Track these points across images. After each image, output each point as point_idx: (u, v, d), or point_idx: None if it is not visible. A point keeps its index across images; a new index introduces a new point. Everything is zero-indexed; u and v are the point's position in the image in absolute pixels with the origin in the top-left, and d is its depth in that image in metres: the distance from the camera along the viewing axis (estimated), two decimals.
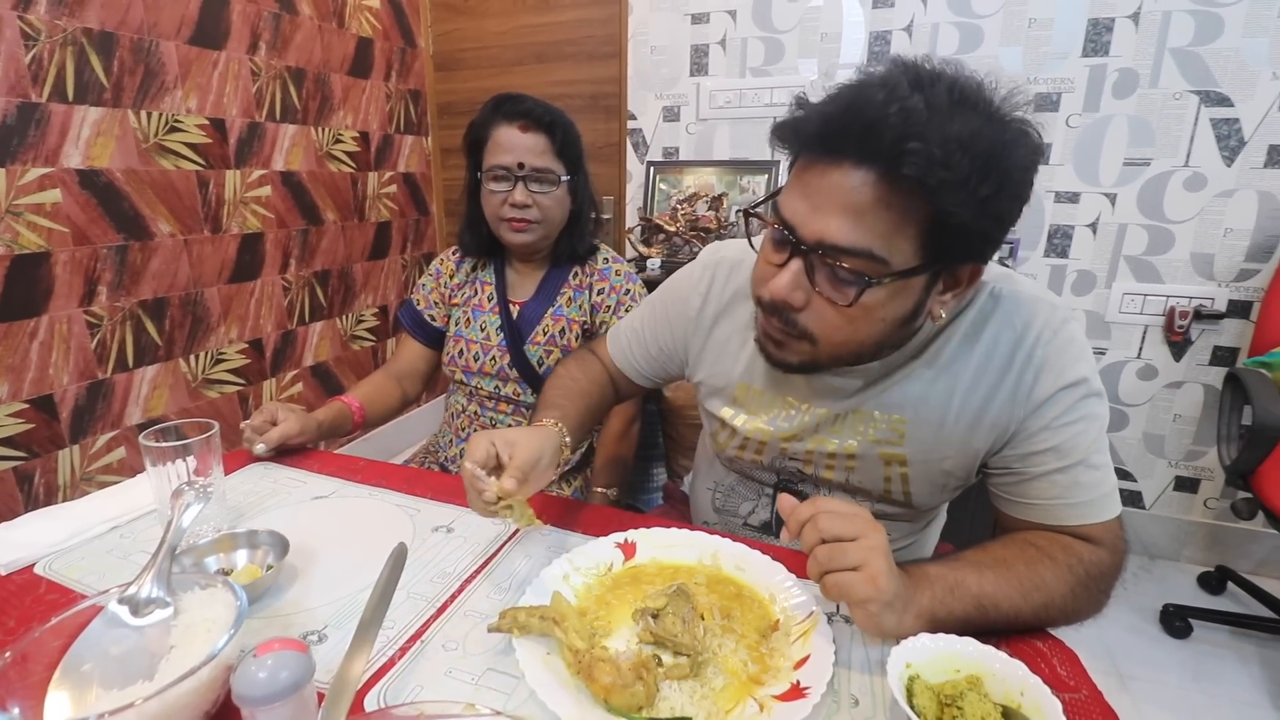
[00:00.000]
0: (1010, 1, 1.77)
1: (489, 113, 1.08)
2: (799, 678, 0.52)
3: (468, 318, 1.16)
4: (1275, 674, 1.51)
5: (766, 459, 0.79)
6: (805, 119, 0.57)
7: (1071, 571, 0.61)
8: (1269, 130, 1.66)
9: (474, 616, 0.61)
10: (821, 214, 0.56)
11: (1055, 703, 0.46)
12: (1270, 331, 1.58)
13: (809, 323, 0.60)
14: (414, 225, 2.51)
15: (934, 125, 0.50)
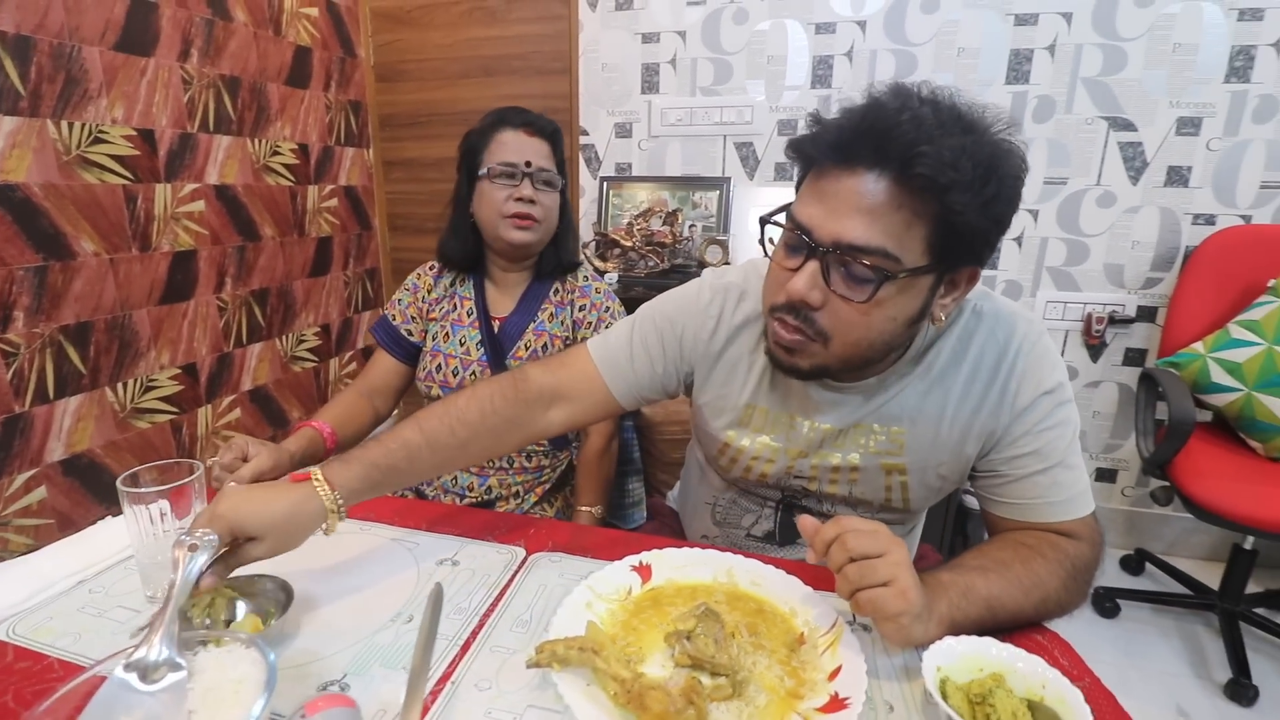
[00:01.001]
0: (941, 32, 1.90)
1: (492, 120, 1.11)
2: (836, 689, 0.54)
3: (446, 332, 1.14)
4: (1192, 645, 1.67)
5: (773, 477, 0.81)
6: (823, 131, 0.61)
7: (1061, 566, 0.66)
8: (1167, 153, 1.85)
9: (501, 652, 0.60)
10: (837, 216, 0.59)
11: (1076, 692, 0.50)
12: (1177, 334, 1.75)
13: (825, 322, 0.63)
14: (356, 240, 2.41)
15: (942, 132, 0.56)
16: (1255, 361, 1.57)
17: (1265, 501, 1.41)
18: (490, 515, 0.88)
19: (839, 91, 2.00)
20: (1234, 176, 1.83)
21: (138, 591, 0.68)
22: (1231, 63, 1.76)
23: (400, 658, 0.59)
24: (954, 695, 0.52)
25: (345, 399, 1.14)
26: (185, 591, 0.53)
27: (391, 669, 0.58)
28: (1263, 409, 1.55)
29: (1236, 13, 1.73)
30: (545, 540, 0.79)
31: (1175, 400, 1.52)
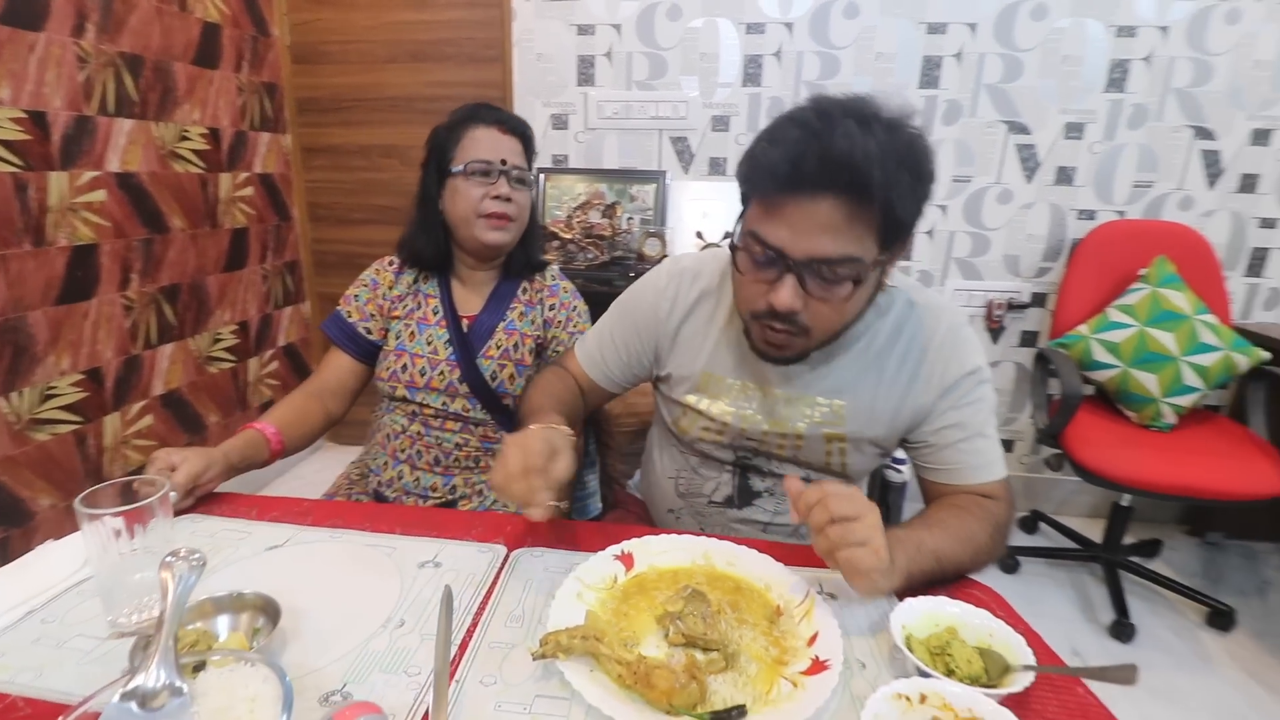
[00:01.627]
0: (861, 38, 2.01)
1: (463, 117, 1.08)
2: (816, 653, 0.60)
3: (411, 331, 1.11)
4: (1081, 593, 1.89)
5: (726, 439, 0.90)
6: (769, 160, 0.68)
7: (988, 522, 0.76)
8: (1057, 155, 2.05)
9: (499, 647, 0.62)
10: (806, 236, 0.68)
11: (1019, 637, 0.58)
12: (1065, 318, 1.96)
13: (806, 320, 0.72)
14: (274, 231, 2.28)
15: (885, 156, 0.64)
16: (1130, 341, 1.79)
17: (1140, 464, 1.62)
18: (464, 515, 0.89)
19: (769, 90, 2.08)
20: (1111, 176, 2.06)
21: (97, 618, 0.65)
22: (1110, 74, 1.98)
23: (399, 662, 0.59)
24: (918, 649, 0.59)
25: (293, 400, 1.09)
26: (179, 613, 0.52)
27: (392, 674, 0.58)
28: (1136, 383, 1.77)
29: (1115, 29, 1.94)
30: (524, 537, 0.81)
31: (1066, 377, 1.71)
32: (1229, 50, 1.93)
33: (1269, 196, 2.02)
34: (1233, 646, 1.67)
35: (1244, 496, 1.52)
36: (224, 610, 0.61)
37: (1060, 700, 0.56)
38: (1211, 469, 1.57)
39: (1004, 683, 0.54)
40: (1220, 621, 1.72)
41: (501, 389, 1.10)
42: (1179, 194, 2.05)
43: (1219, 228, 2.05)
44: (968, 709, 0.49)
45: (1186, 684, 1.53)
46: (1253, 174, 2.01)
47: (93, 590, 0.68)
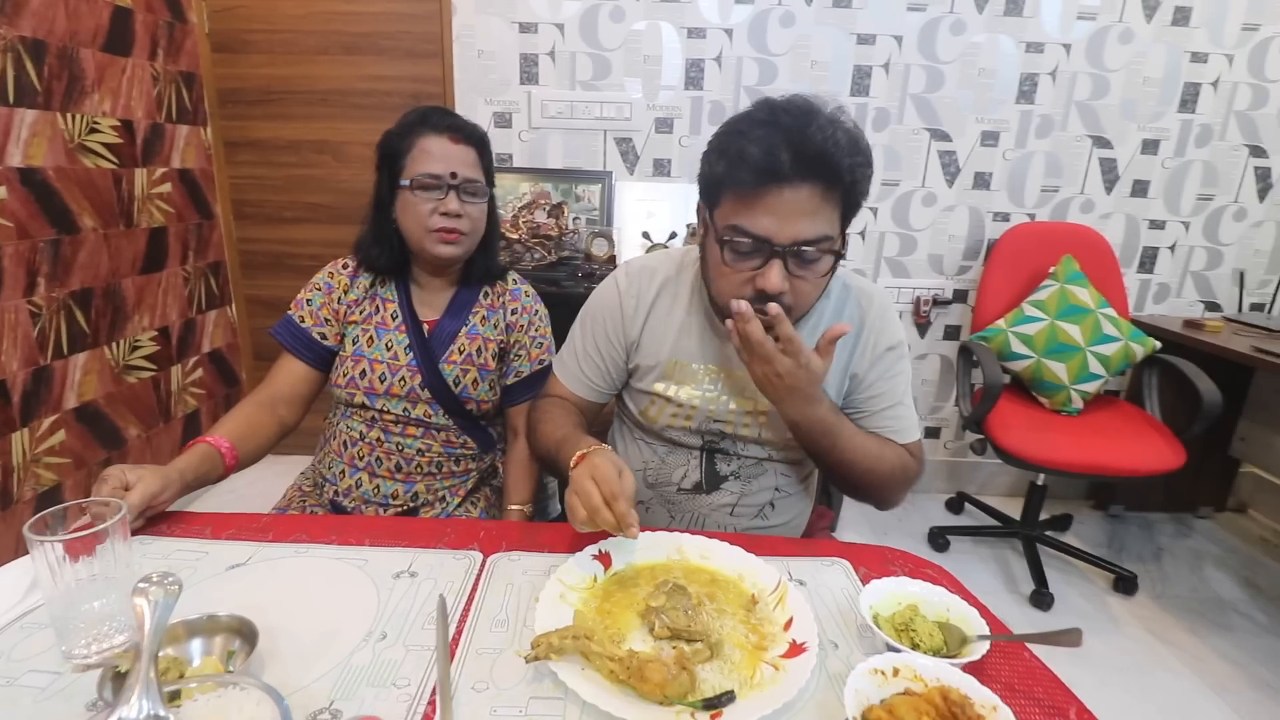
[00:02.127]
0: (796, 46, 2.09)
1: (413, 123, 1.04)
2: (793, 637, 0.64)
3: (370, 336, 1.08)
4: (1004, 566, 2.05)
5: (695, 423, 0.95)
6: (748, 156, 0.74)
7: (898, 463, 0.90)
8: (975, 161, 2.20)
9: (488, 653, 0.62)
10: (790, 222, 0.75)
11: (973, 610, 0.64)
12: (985, 312, 2.11)
13: (789, 299, 0.79)
14: (196, 230, 2.14)
15: (849, 146, 0.75)
16: (1042, 334, 1.95)
17: (1052, 446, 1.77)
18: (434, 523, 0.88)
19: (710, 94, 2.13)
20: (1022, 181, 2.22)
21: (49, 651, 0.61)
22: (1020, 87, 2.14)
23: (386, 675, 0.59)
24: (884, 626, 0.63)
25: (243, 411, 1.04)
26: (158, 640, 0.50)
27: (381, 687, 0.58)
28: (1049, 372, 1.93)
29: (1024, 45, 2.10)
30: (498, 541, 0.81)
31: (988, 367, 1.84)
32: (1123, 67, 2.12)
33: (1158, 200, 2.24)
34: (1136, 608, 1.85)
35: (1145, 472, 1.69)
36: (197, 634, 0.59)
37: (1010, 665, 0.62)
38: (1116, 449, 1.74)
39: (963, 652, 0.60)
40: (1125, 586, 1.91)
41: (465, 394, 1.09)
42: (1081, 198, 2.24)
43: (1115, 229, 2.26)
44: (936, 678, 0.53)
45: (1098, 645, 1.69)
46: (1144, 180, 2.22)
47: (40, 622, 0.64)
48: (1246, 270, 2.29)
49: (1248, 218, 2.27)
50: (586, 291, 1.87)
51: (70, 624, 0.60)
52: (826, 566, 0.78)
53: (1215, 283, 2.33)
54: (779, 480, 0.99)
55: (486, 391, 1.11)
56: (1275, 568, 2.10)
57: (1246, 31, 2.10)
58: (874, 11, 2.06)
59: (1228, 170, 2.22)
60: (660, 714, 0.54)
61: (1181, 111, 2.17)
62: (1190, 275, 2.33)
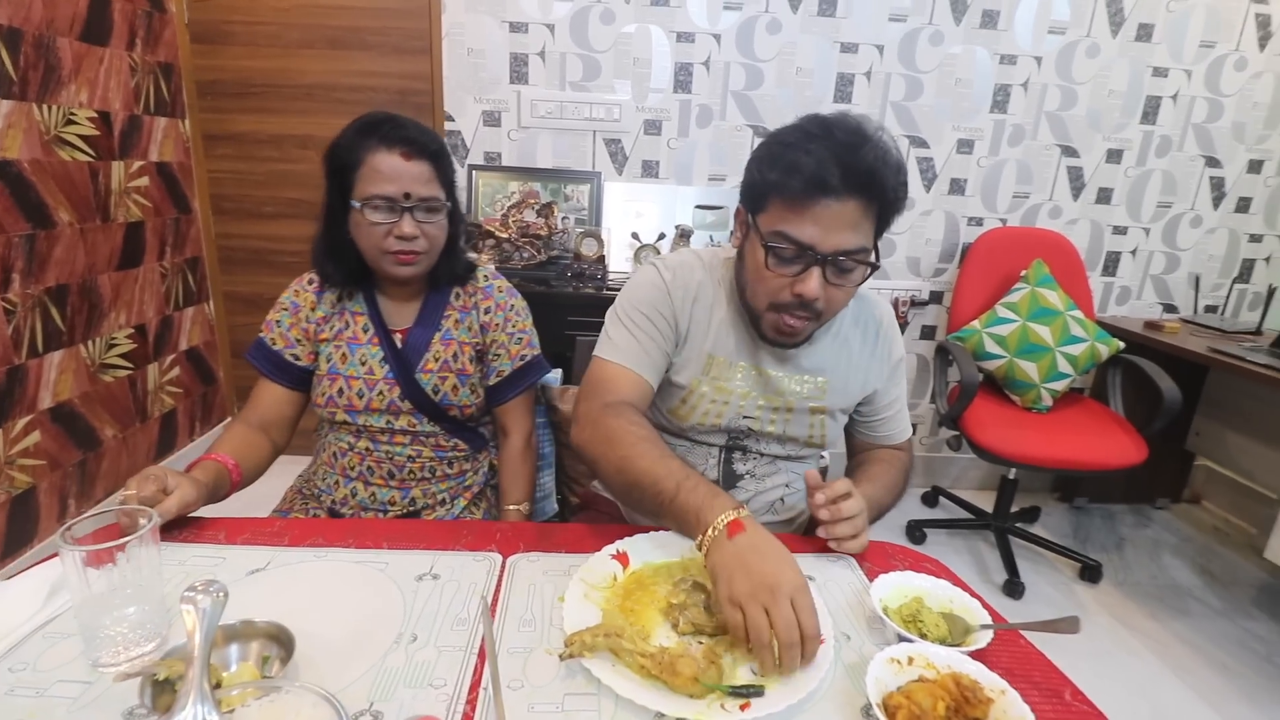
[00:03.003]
0: (782, 52, 2.13)
1: (359, 136, 0.96)
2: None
3: (343, 353, 1.05)
4: (977, 557, 2.13)
5: (725, 420, 0.97)
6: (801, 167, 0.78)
7: (902, 472, 1.01)
8: (951, 168, 2.28)
9: (519, 653, 0.64)
10: (834, 232, 0.79)
11: (974, 601, 0.68)
12: (960, 314, 2.19)
13: (822, 305, 0.84)
14: (173, 225, 2.09)
15: (895, 167, 0.79)
16: (1015, 334, 2.03)
17: (1024, 442, 1.85)
18: (450, 525, 0.89)
19: (698, 97, 2.16)
20: (995, 187, 2.31)
21: (78, 659, 0.61)
22: (994, 97, 2.21)
23: (422, 676, 0.61)
24: (894, 617, 0.67)
25: (237, 433, 1.02)
26: (208, 647, 0.51)
27: (418, 689, 0.59)
28: (1021, 371, 2.02)
29: (999, 57, 2.17)
30: (515, 543, 0.83)
31: (964, 367, 1.91)
32: (1089, 80, 2.22)
33: (1120, 208, 2.35)
34: (1101, 596, 1.95)
35: (1111, 467, 1.78)
36: (233, 640, 0.60)
37: (1009, 652, 0.66)
38: (1084, 444, 1.83)
39: (968, 641, 0.64)
40: (1090, 575, 2.00)
41: (446, 401, 1.06)
42: (1050, 204, 2.34)
43: (1081, 234, 2.36)
44: (947, 665, 0.57)
45: None
46: (1108, 188, 2.33)
47: (63, 631, 0.64)
48: (1201, 274, 2.42)
49: (1203, 224, 2.39)
50: (576, 291, 1.92)
51: (99, 632, 0.60)
52: (833, 563, 0.82)
53: (1173, 286, 2.46)
54: (789, 478, 1.03)
55: (468, 396, 1.08)
56: (1228, 555, 2.24)
57: (1204, 48, 2.21)
58: (857, 21, 2.12)
59: (1185, 179, 2.34)
60: (692, 706, 0.57)
61: (1144, 123, 2.28)
62: (1150, 279, 2.45)
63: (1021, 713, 0.53)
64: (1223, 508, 2.50)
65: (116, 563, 0.60)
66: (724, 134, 2.18)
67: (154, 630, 0.63)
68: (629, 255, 2.15)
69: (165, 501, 0.77)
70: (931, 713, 0.53)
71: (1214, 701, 1.56)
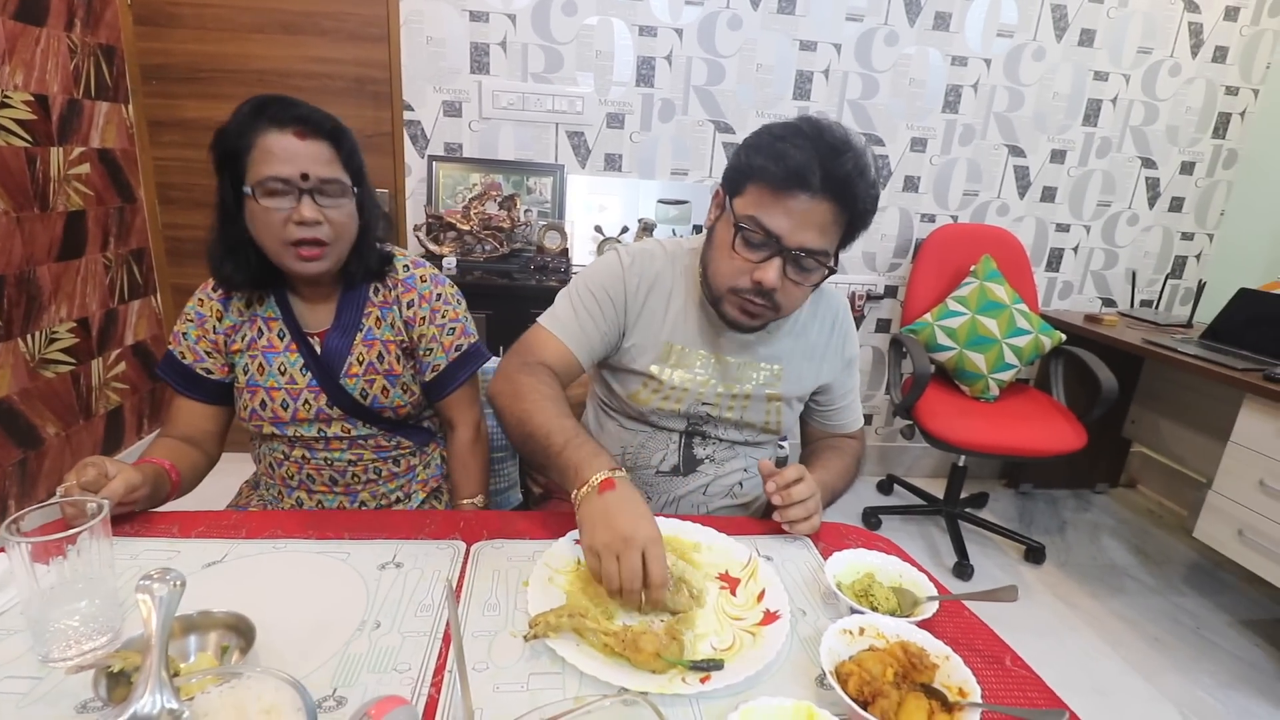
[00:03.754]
0: (743, 48, 2.16)
1: (248, 118, 0.87)
2: (766, 606, 0.70)
3: (260, 364, 0.97)
4: (929, 542, 2.21)
5: (684, 406, 0.99)
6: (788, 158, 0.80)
7: (854, 458, 1.06)
8: (905, 165, 2.34)
9: (484, 635, 0.65)
10: (803, 229, 0.82)
11: (923, 576, 0.72)
12: (913, 307, 2.26)
13: (780, 298, 0.87)
14: (117, 214, 2.01)
15: (872, 177, 0.83)
16: (964, 327, 2.11)
17: (972, 430, 1.93)
18: (412, 515, 0.89)
19: (660, 91, 2.17)
20: (947, 185, 2.39)
21: (26, 655, 0.59)
22: (946, 97, 2.29)
23: (385, 661, 0.61)
24: (846, 592, 0.70)
25: (166, 445, 0.96)
26: (165, 636, 0.50)
27: (382, 673, 0.60)
28: (970, 362, 2.10)
29: (950, 58, 2.25)
30: (479, 531, 0.84)
31: (917, 358, 1.98)
32: (1035, 83, 2.31)
33: (1063, 205, 2.46)
34: (1044, 576, 2.05)
35: (1053, 452, 1.87)
36: (191, 630, 0.59)
37: (954, 623, 0.70)
38: (1028, 432, 1.92)
39: (915, 612, 0.67)
40: (1034, 557, 2.10)
41: (376, 404, 1.00)
42: (998, 202, 2.43)
43: (1027, 231, 2.46)
44: (896, 634, 0.61)
45: (1012, 610, 1.86)
46: (1052, 186, 2.43)
47: (11, 626, 0.62)
48: (1138, 270, 2.55)
49: (1139, 223, 2.52)
50: (539, 284, 1.91)
51: (48, 626, 0.59)
52: (790, 543, 0.85)
53: (1111, 281, 2.58)
54: (747, 463, 1.06)
55: (401, 396, 1.01)
56: (1161, 536, 2.37)
57: (1141, 54, 2.33)
58: (815, 19, 2.16)
59: (1123, 179, 2.46)
60: (655, 681, 0.59)
61: (1085, 125, 2.38)
62: (1090, 274, 2.57)
63: (964, 676, 0.56)
64: (1157, 491, 2.65)
65: (66, 556, 0.59)
66: (686, 129, 2.21)
67: (106, 624, 0.62)
68: (592, 248, 2.15)
69: (110, 484, 0.74)
70: (881, 678, 0.56)
71: (1146, 672, 1.66)
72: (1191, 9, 2.30)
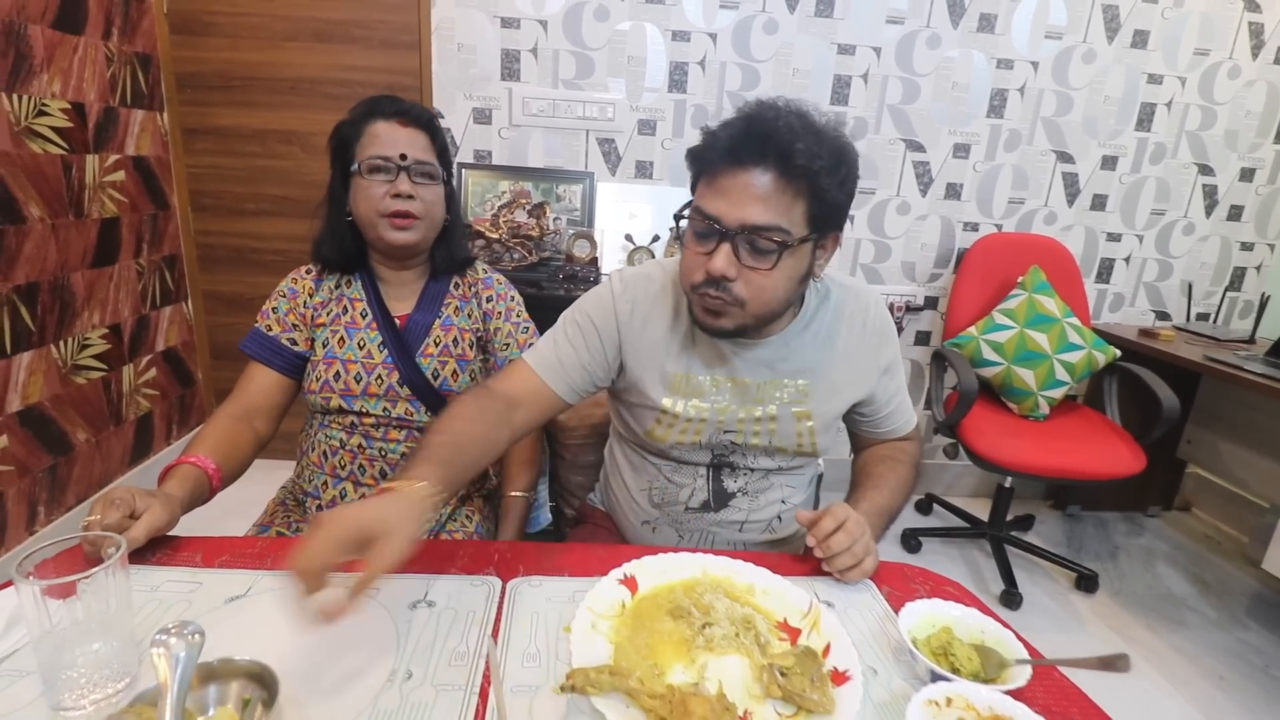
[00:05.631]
0: (779, 52, 2.10)
1: (362, 111, 1.02)
2: (834, 664, 0.63)
3: (341, 337, 1.05)
4: (973, 566, 2.12)
5: (705, 437, 0.92)
6: (714, 140, 0.77)
7: (910, 466, 0.97)
8: (947, 171, 2.26)
9: (524, 691, 0.60)
10: (739, 205, 0.75)
11: (1008, 633, 0.65)
12: (956, 319, 2.17)
13: (741, 290, 0.79)
14: (150, 222, 2.01)
15: (807, 132, 0.75)
16: (1012, 341, 2.01)
17: (1023, 451, 1.83)
18: (444, 544, 0.84)
19: (693, 97, 2.12)
20: (991, 193, 2.30)
21: (37, 701, 0.55)
22: (991, 101, 2.20)
23: (418, 717, 0.56)
24: (923, 649, 0.64)
25: (220, 426, 0.98)
26: (183, 698, 0.46)
27: None
28: (1018, 378, 2.00)
29: (995, 61, 2.16)
30: (515, 565, 0.78)
31: (963, 374, 1.89)
32: (1085, 86, 2.21)
33: (1114, 214, 2.35)
34: (1097, 606, 1.94)
35: (1111, 476, 1.77)
36: (212, 679, 0.54)
37: (1045, 687, 0.63)
38: (1084, 453, 1.81)
39: (1004, 678, 0.60)
40: (1086, 585, 1.99)
41: (445, 387, 1.06)
42: (1045, 210, 2.33)
43: (1076, 240, 2.36)
44: (989, 707, 0.54)
45: (1065, 643, 1.77)
46: (1103, 194, 2.32)
47: (23, 668, 0.58)
48: (1194, 282, 2.43)
49: (1195, 232, 2.40)
50: (567, 294, 1.87)
51: (60, 672, 0.55)
52: (851, 588, 0.78)
53: (1165, 293, 2.46)
54: (784, 492, 0.99)
55: (468, 382, 1.08)
56: (1220, 564, 2.24)
57: (1198, 56, 2.21)
58: (854, 23, 2.09)
59: (1178, 187, 2.34)
60: None
61: (1138, 130, 2.27)
62: (1143, 285, 2.45)
63: None
64: (1214, 516, 2.51)
65: (79, 595, 0.55)
66: None
67: (122, 669, 0.57)
68: (622, 257, 2.10)
69: (133, 529, 0.71)
70: None
71: (1213, 715, 1.55)
72: (1252, 8, 2.19)
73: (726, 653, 0.64)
